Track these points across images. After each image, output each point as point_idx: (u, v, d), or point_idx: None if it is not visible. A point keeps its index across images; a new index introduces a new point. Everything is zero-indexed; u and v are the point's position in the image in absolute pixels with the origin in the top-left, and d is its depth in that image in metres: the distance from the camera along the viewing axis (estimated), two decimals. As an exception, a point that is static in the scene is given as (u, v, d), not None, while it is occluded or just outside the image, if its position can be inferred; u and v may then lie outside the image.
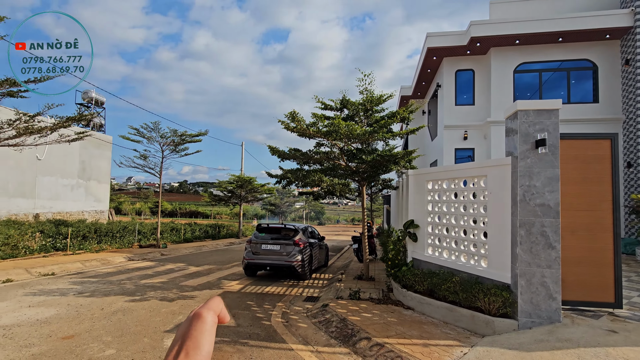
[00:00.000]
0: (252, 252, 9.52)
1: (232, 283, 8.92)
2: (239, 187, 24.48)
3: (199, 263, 12.34)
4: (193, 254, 15.15)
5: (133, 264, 11.79)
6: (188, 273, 10.19)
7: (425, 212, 6.86)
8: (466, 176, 5.87)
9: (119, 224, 16.63)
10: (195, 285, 8.49)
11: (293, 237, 9.53)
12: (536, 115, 4.75)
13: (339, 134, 6.99)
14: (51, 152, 20.40)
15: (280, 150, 8.22)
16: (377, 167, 8.13)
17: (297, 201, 40.67)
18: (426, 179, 6.88)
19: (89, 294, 7.22)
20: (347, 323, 5.37)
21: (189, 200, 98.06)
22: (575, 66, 12.40)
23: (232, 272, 10.57)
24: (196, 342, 0.51)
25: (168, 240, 18.97)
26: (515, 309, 4.67)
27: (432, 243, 6.73)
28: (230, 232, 26.16)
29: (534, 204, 4.67)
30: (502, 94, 12.65)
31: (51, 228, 13.43)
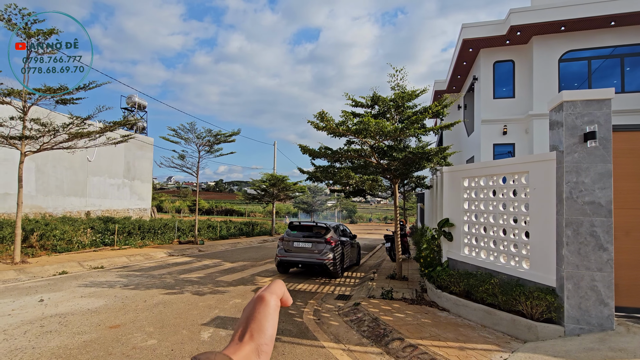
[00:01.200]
0: (285, 249, 9.66)
1: (266, 280, 9.10)
2: (271, 185, 24.94)
3: (233, 259, 12.73)
4: (228, 251, 15.66)
5: (173, 259, 12.40)
6: (223, 269, 10.54)
7: (461, 211, 6.60)
8: (506, 172, 5.56)
9: (160, 221, 17.55)
10: (230, 281, 8.76)
11: (325, 235, 9.56)
12: (584, 106, 4.40)
13: (368, 131, 6.89)
14: (100, 154, 21.96)
15: (310, 149, 8.26)
16: (409, 164, 7.94)
17: (329, 199, 40.73)
18: (462, 175, 6.60)
19: (133, 286, 7.68)
20: (379, 322, 5.29)
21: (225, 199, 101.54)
22: (631, 52, 11.32)
23: (266, 269, 10.79)
24: (260, 325, 0.52)
25: (205, 237, 19.75)
26: (561, 314, 4.37)
27: (468, 243, 6.46)
28: (263, 229, 26.74)
29: (582, 201, 4.33)
30: (546, 85, 11.84)
31: (100, 224, 14.46)
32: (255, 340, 0.51)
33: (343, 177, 7.01)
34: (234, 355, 0.48)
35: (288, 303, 0.59)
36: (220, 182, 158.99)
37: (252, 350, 0.50)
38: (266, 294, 0.55)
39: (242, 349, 0.50)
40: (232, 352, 0.49)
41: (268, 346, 0.52)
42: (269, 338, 0.52)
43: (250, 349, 0.50)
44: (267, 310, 0.53)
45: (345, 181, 7.33)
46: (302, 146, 8.25)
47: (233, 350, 0.49)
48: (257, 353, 0.50)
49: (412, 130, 6.93)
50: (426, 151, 7.32)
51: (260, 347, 0.51)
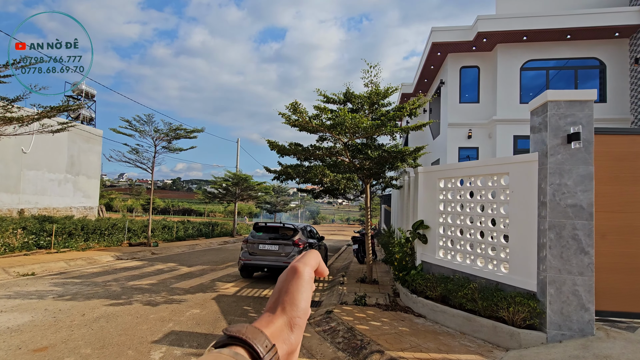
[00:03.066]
0: (249, 252, 8.99)
1: (227, 285, 8.38)
2: (234, 184, 23.87)
3: (191, 263, 11.76)
4: (185, 253, 14.55)
5: (121, 263, 11.17)
6: (179, 274, 9.62)
7: (437, 212, 6.41)
8: (484, 174, 5.41)
9: (108, 221, 15.94)
10: (187, 287, 7.93)
11: (292, 237, 9.03)
12: (568, 106, 4.31)
13: (343, 127, 6.50)
14: (37, 145, 19.61)
15: (280, 145, 7.70)
16: (382, 163, 7.66)
17: (293, 200, 40.11)
18: (438, 176, 6.42)
19: (70, 297, 6.63)
20: (355, 333, 4.88)
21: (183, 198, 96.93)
22: (583, 64, 12.07)
23: (227, 273, 10.02)
24: (292, 298, 0.50)
25: (159, 239, 18.32)
26: (543, 320, 4.23)
27: (443, 245, 6.27)
28: (224, 230, 25.53)
29: (565, 204, 4.23)
30: (508, 92, 12.27)
31: (35, 224, 12.73)
32: (288, 313, 0.49)
33: (317, 175, 6.55)
34: (265, 329, 0.46)
35: (324, 274, 0.57)
36: (178, 180, 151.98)
37: (285, 324, 0.49)
38: (300, 265, 0.52)
39: (275, 322, 0.48)
40: (264, 325, 0.47)
41: (301, 319, 0.50)
42: (302, 311, 0.50)
43: (283, 322, 0.49)
44: (300, 282, 0.51)
45: (319, 179, 6.87)
46: (270, 142, 7.67)
47: (265, 323, 0.48)
48: (289, 326, 0.49)
49: (388, 127, 6.64)
50: (401, 150, 7.08)
51: (293, 319, 0.49)
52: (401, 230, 7.61)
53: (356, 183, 6.73)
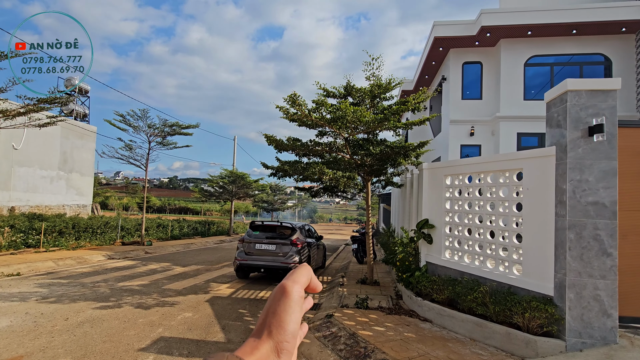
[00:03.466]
0: (245, 252, 8.64)
1: (222, 287, 8.03)
2: (231, 182, 23.48)
3: (185, 263, 11.39)
4: (180, 253, 14.17)
5: (112, 263, 10.79)
6: (173, 274, 9.25)
7: (442, 211, 6.09)
8: (495, 170, 5.10)
9: (100, 219, 15.54)
10: (180, 289, 7.58)
11: (290, 236, 8.69)
12: (590, 96, 4.00)
13: (345, 121, 6.16)
14: (29, 141, 19.13)
15: (277, 139, 7.36)
16: (384, 160, 7.33)
17: (290, 199, 39.74)
18: (444, 173, 6.10)
19: (55, 299, 6.25)
20: (358, 339, 4.56)
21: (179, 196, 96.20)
22: (589, 60, 11.80)
23: (222, 274, 9.67)
24: (280, 320, 0.45)
25: (154, 237, 17.92)
26: (561, 327, 3.92)
27: (450, 246, 5.96)
28: (220, 229, 25.15)
29: (586, 202, 3.92)
30: (512, 88, 11.97)
31: (24, 222, 12.31)
32: (274, 337, 0.44)
33: (316, 172, 6.20)
34: (248, 357, 0.42)
35: (317, 290, 0.52)
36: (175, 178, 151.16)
37: (271, 349, 0.43)
38: (288, 283, 0.47)
39: (260, 348, 0.43)
40: (247, 353, 0.43)
41: (289, 344, 0.44)
42: (290, 335, 0.44)
43: (269, 347, 0.43)
44: (289, 302, 0.46)
45: (318, 177, 6.53)
46: (268, 136, 7.31)
47: (249, 350, 0.43)
48: (276, 352, 0.43)
49: (392, 122, 6.31)
50: (404, 146, 6.75)
51: (280, 344, 0.44)
52: (404, 229, 7.30)
53: (357, 182, 6.38)
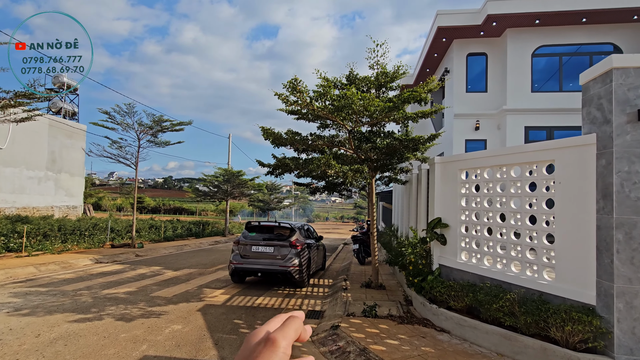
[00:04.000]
0: (241, 255, 8.04)
1: (216, 293, 7.42)
2: (225, 181, 22.82)
3: (178, 266, 10.76)
4: (173, 255, 13.52)
5: (99, 267, 10.13)
6: (163, 279, 8.62)
7: (458, 209, 5.54)
8: (521, 162, 4.55)
9: (89, 221, 14.83)
10: (170, 296, 6.96)
11: (289, 237, 8.10)
12: (638, 75, 3.45)
13: (350, 110, 5.58)
14: (15, 140, 18.34)
15: (275, 132, 6.76)
16: (391, 154, 6.77)
17: (287, 197, 39.14)
18: (459, 167, 5.55)
19: (29, 310, 5.61)
20: (370, 356, 3.99)
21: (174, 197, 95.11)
22: (598, 50, 11.35)
23: (217, 278, 9.06)
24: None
25: (146, 239, 17.23)
26: (609, 342, 3.38)
27: (467, 247, 5.41)
28: (215, 229, 24.47)
29: (636, 197, 3.38)
30: (518, 80, 11.48)
31: (6, 225, 11.59)
32: None
33: (321, 166, 5.63)
34: None
35: (304, 339, 0.48)
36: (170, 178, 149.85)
37: None
38: (278, 337, 0.42)
39: None
40: None
41: None
42: None
43: None
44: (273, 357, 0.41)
45: (322, 171, 5.95)
46: (264, 129, 6.71)
47: None
48: None
49: (401, 111, 5.74)
50: (415, 138, 6.19)
51: None
52: (413, 229, 6.75)
53: (365, 175, 5.81)
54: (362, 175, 5.85)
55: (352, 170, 5.72)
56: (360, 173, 5.79)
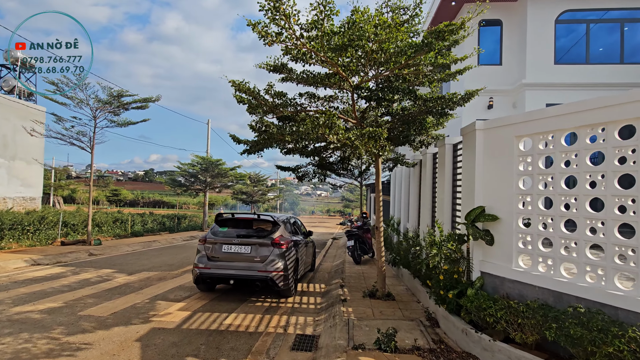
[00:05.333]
0: (209, 256, 6.19)
1: (173, 308, 5.56)
2: (203, 170, 20.71)
3: (135, 268, 8.80)
4: (135, 254, 11.50)
5: (33, 271, 8.06)
6: (108, 288, 6.69)
7: (513, 194, 3.86)
8: (627, 118, 2.87)
9: (35, 214, 12.60)
10: (106, 315, 5.06)
11: (271, 233, 6.29)
12: None
13: (359, 48, 3.78)
14: (-48, 121, 15.79)
15: (252, 89, 4.89)
16: (409, 122, 5.02)
17: (271, 190, 37.17)
18: (517, 133, 3.85)
19: None
20: None
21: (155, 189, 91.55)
22: (631, 17, 9.91)
23: (180, 284, 7.19)
24: None
25: (110, 235, 15.08)
26: None
27: (528, 249, 3.74)
28: (192, 223, 22.41)
29: None
30: (540, 51, 9.94)
31: None
32: None
33: (319, 127, 3.82)
34: None
35: None
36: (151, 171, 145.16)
37: None
38: None
39: None
40: None
41: None
42: None
43: None
44: None
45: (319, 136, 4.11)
46: (236, 84, 4.81)
47: None
48: None
49: (433, 53, 3.97)
50: (447, 97, 4.45)
51: None
52: (438, 223, 5.04)
53: (383, 143, 4.01)
54: (377, 145, 4.05)
55: (364, 135, 3.92)
56: (376, 140, 3.99)
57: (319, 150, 6.18)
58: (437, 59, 4.10)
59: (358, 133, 3.95)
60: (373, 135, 3.90)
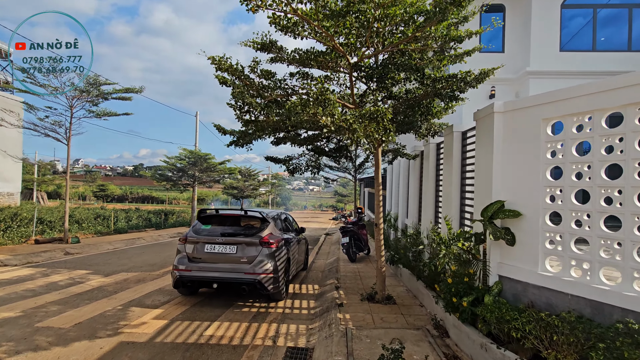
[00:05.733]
0: (189, 257, 5.56)
1: (148, 316, 4.93)
2: (191, 164, 19.91)
3: (113, 268, 8.12)
4: (116, 252, 10.78)
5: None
6: (78, 293, 6.02)
7: (540, 186, 3.31)
8: None
9: (7, 210, 11.76)
10: (68, 326, 4.41)
11: (259, 231, 5.68)
12: None
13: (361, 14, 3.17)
14: None
15: (234, 67, 4.25)
16: (414, 106, 4.44)
17: (262, 185, 36.41)
18: (544, 115, 3.30)
19: None
20: None
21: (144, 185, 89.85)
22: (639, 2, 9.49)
23: (159, 287, 6.56)
24: None
25: (90, 232, 14.27)
26: None
27: (557, 250, 3.21)
28: (181, 219, 21.67)
29: None
30: (545, 37, 9.46)
31: None
32: None
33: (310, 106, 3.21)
34: None
35: None
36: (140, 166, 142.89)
37: None
38: None
39: None
40: None
41: None
42: None
43: None
44: None
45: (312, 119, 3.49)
46: (216, 60, 4.16)
47: None
48: None
49: (445, 24, 3.38)
50: (459, 76, 3.88)
51: None
52: (447, 220, 4.49)
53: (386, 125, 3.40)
54: (379, 128, 3.41)
55: (364, 116, 3.30)
56: (378, 123, 3.38)
57: (312, 139, 5.58)
58: (449, 31, 3.51)
59: (357, 113, 3.34)
60: (375, 116, 3.29)
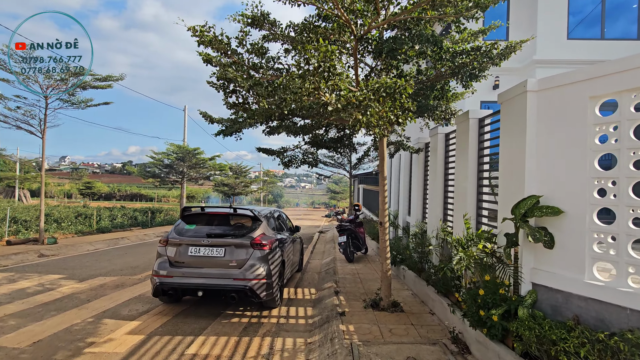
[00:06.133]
0: (171, 261, 4.92)
1: (122, 330, 4.28)
2: (179, 160, 19.11)
3: (90, 272, 7.42)
4: (96, 253, 10.04)
5: (-44, 280, 6.57)
6: (45, 302, 5.33)
7: (586, 177, 2.78)
8: None
9: (-24, 209, 10.89)
10: (25, 345, 3.74)
11: (251, 231, 5.06)
12: None
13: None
14: None
15: (220, 39, 3.61)
16: (428, 88, 3.87)
17: (254, 182, 35.68)
18: (591, 93, 2.76)
19: None
20: None
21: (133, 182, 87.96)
22: (649, -12, 9.08)
23: (140, 294, 5.90)
24: None
25: (70, 232, 13.43)
26: None
27: (609, 255, 2.67)
28: (169, 217, 20.85)
29: None
30: (552, 23, 8.99)
31: None
32: None
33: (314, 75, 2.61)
34: None
35: None
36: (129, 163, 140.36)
37: None
38: None
39: None
40: None
41: None
42: None
43: None
44: None
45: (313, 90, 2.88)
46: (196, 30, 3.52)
47: None
48: None
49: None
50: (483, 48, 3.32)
51: None
52: (466, 219, 3.94)
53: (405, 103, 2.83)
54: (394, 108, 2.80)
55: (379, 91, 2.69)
56: (395, 100, 2.77)
57: (310, 127, 4.97)
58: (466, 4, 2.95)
59: (370, 87, 2.73)
60: (392, 91, 2.68)
